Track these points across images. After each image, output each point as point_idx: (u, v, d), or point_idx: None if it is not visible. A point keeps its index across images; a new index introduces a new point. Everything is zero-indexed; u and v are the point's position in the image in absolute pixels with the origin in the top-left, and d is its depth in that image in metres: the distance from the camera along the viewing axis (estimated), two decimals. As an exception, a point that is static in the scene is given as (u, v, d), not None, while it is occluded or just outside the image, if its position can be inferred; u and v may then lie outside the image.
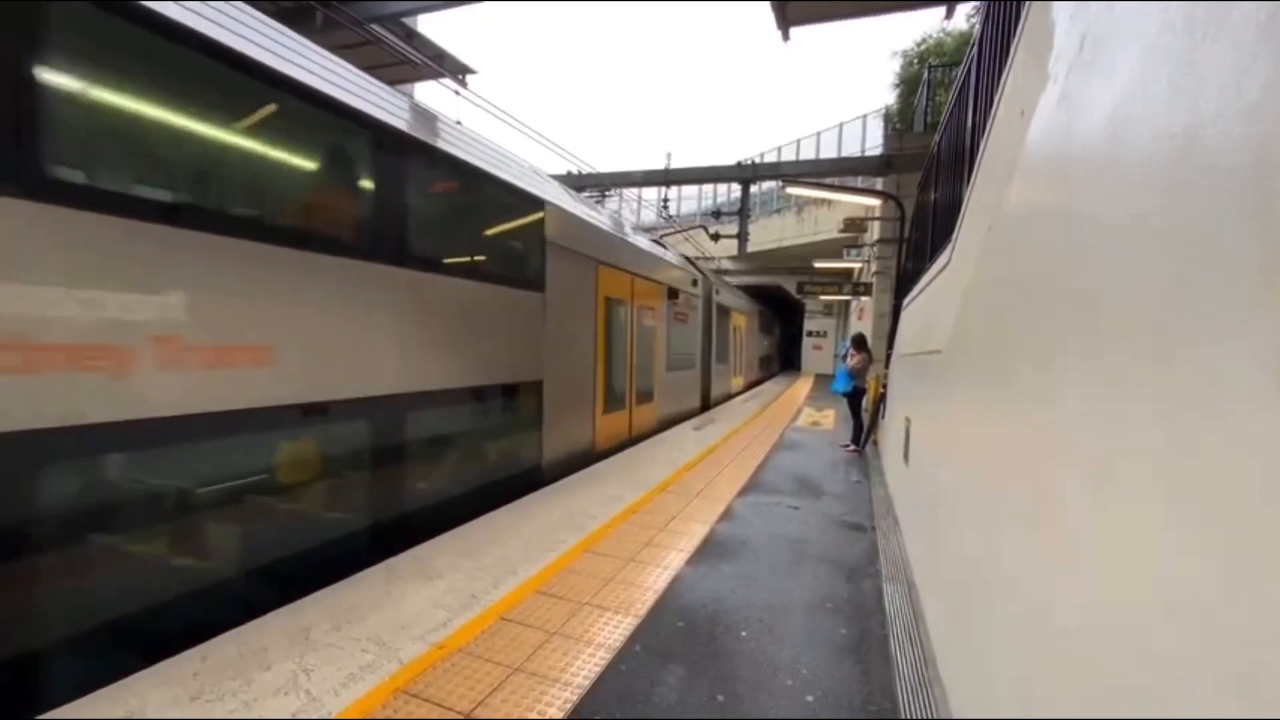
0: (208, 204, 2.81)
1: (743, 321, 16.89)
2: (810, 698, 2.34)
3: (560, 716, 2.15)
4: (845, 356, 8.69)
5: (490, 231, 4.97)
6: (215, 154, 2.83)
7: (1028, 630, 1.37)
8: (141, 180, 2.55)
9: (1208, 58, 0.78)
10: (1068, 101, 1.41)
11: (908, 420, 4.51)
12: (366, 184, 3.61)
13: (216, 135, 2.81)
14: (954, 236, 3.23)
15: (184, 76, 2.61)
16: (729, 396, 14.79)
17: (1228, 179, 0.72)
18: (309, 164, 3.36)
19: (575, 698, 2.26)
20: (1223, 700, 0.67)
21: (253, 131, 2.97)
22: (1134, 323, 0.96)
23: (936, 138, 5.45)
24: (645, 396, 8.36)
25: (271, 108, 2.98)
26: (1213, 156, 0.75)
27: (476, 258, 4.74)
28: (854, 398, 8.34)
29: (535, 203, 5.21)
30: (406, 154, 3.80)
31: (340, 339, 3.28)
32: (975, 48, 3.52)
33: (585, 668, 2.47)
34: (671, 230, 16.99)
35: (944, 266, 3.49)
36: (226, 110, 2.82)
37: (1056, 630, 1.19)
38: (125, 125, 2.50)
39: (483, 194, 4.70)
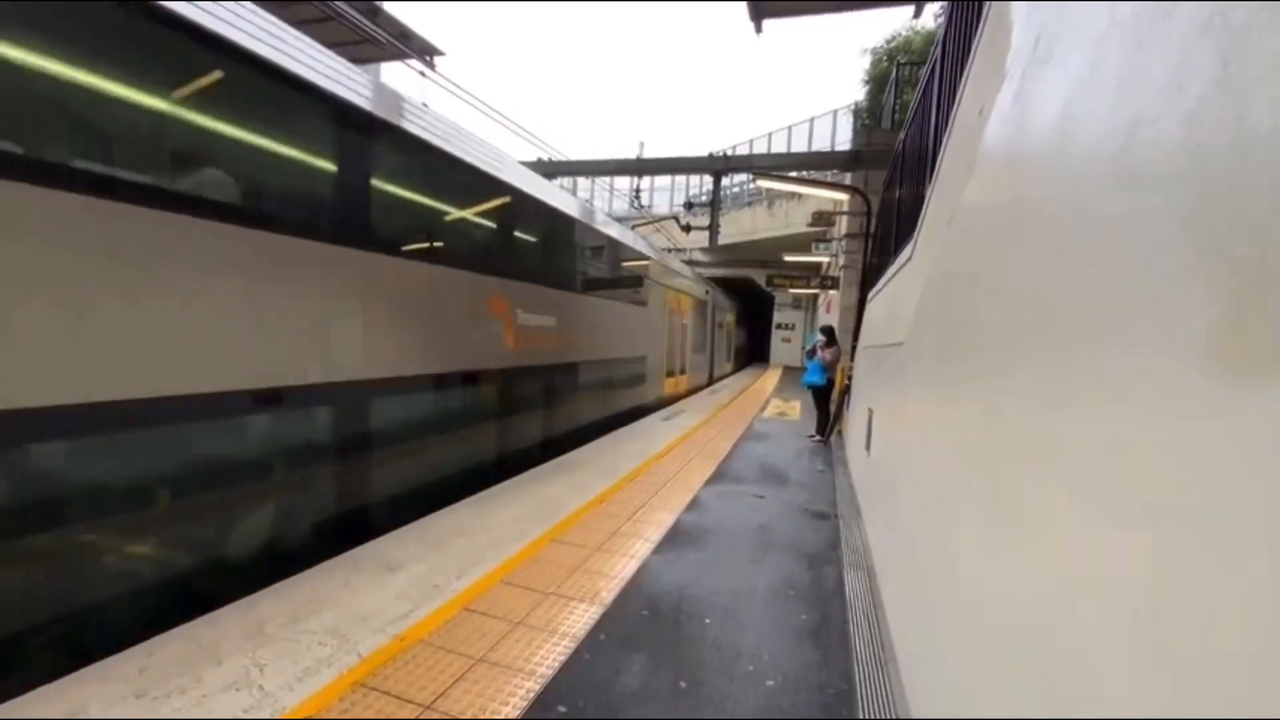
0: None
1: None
2: (771, 682, 2.39)
3: (523, 707, 2.15)
4: (814, 350, 8.80)
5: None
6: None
7: (977, 614, 1.41)
8: None
9: (1152, 56, 0.80)
10: (1022, 99, 1.44)
11: (870, 411, 4.61)
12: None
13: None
14: (916, 232, 3.29)
15: None
16: None
17: (1166, 176, 0.75)
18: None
19: (539, 687, 2.26)
20: (1156, 675, 0.70)
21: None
22: (1078, 315, 0.99)
23: (902, 135, 5.55)
24: None
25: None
26: (1153, 153, 0.78)
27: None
28: (819, 389, 8.49)
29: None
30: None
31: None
32: (939, 46, 3.58)
33: (549, 657, 2.46)
34: (643, 221, 16.94)
35: (907, 261, 3.56)
36: None
37: (1003, 614, 1.23)
38: None
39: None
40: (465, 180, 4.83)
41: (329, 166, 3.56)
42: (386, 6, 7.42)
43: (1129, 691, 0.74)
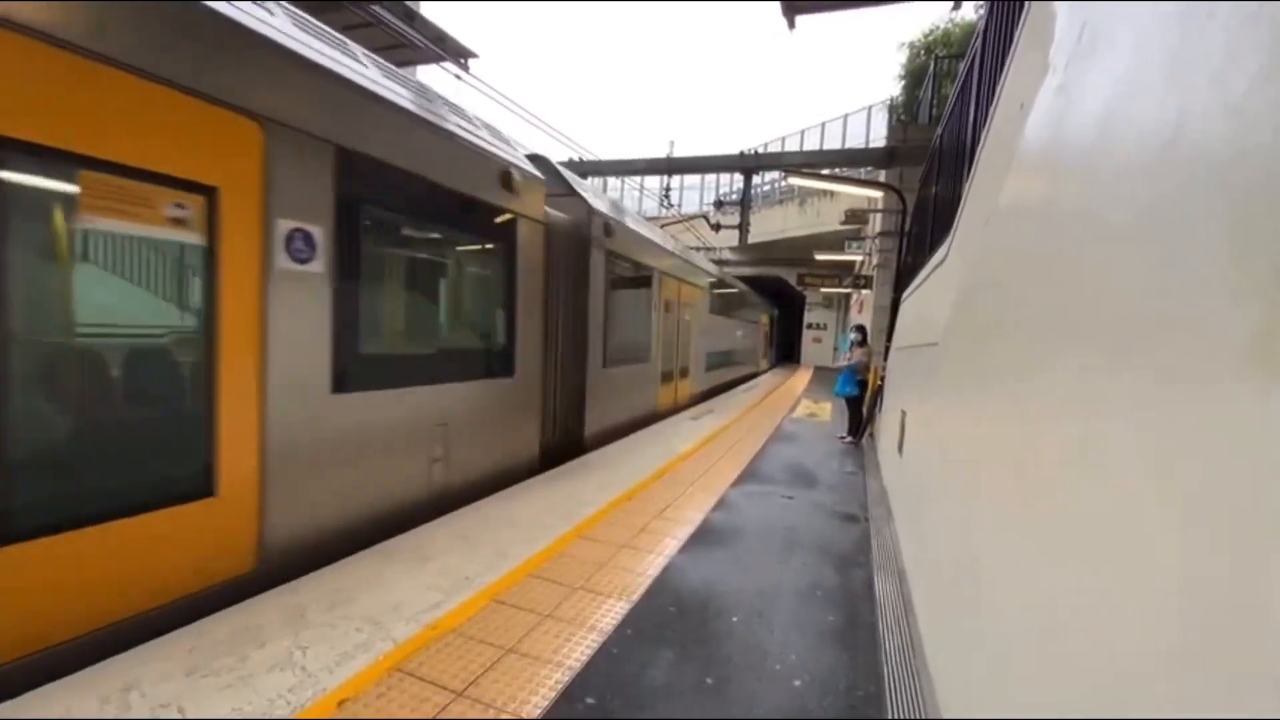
0: None
1: None
2: (798, 682, 2.38)
3: (551, 697, 2.19)
4: (851, 349, 8.65)
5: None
6: None
7: (1011, 619, 1.39)
8: None
9: (1197, 49, 0.78)
10: (1065, 93, 1.41)
11: (903, 412, 4.53)
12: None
13: None
14: (953, 230, 3.23)
15: None
16: None
17: (1211, 172, 0.73)
18: None
19: (567, 679, 2.30)
20: (1196, 682, 0.68)
21: None
22: (1120, 313, 0.97)
23: (939, 131, 5.42)
24: None
25: None
26: (1198, 148, 0.76)
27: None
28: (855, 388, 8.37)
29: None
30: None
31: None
32: (979, 39, 3.50)
33: (577, 650, 2.50)
34: (673, 220, 16.92)
35: (942, 260, 3.49)
36: None
37: (1038, 617, 1.21)
38: None
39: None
40: None
41: None
42: (420, 8, 7.59)
43: (1165, 697, 0.73)
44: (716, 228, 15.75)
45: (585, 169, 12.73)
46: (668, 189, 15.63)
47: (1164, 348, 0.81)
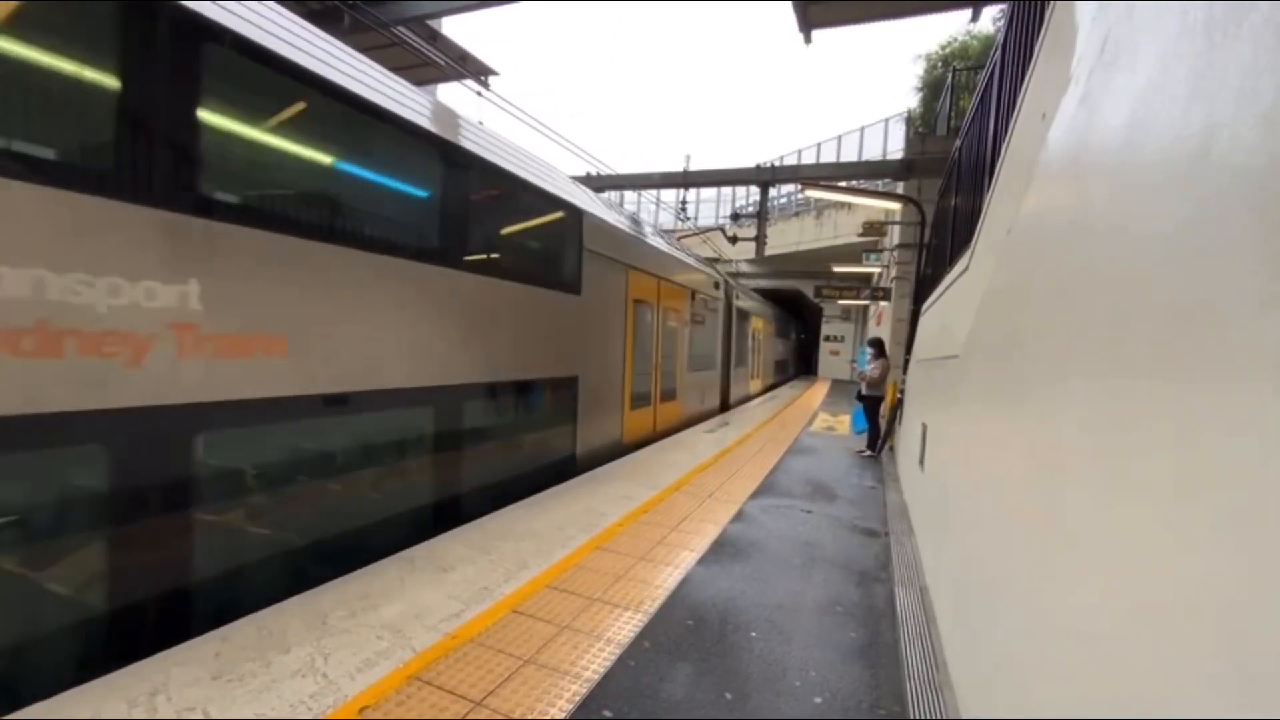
0: None
1: None
2: (819, 699, 2.34)
3: (569, 709, 2.18)
4: (869, 361, 8.56)
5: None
6: None
7: (1037, 635, 1.36)
8: None
9: (1226, 59, 0.78)
10: (1088, 104, 1.41)
11: (924, 425, 4.47)
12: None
13: None
14: (973, 241, 3.21)
15: None
16: None
17: (1240, 182, 0.72)
18: None
19: (585, 691, 2.29)
20: (1234, 701, 0.67)
21: None
22: (1145, 326, 0.96)
23: (958, 142, 5.41)
24: None
25: None
26: (1227, 159, 0.75)
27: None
28: (871, 403, 8.28)
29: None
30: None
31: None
32: (999, 51, 3.50)
33: (595, 662, 2.49)
34: (689, 233, 16.97)
35: (963, 271, 3.47)
36: None
37: (1066, 636, 1.19)
38: None
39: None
40: None
41: None
42: (441, 26, 7.78)
43: (1197, 713, 0.71)
44: (733, 240, 15.76)
45: (603, 183, 12.85)
46: (684, 202, 15.70)
47: (1194, 359, 0.80)
